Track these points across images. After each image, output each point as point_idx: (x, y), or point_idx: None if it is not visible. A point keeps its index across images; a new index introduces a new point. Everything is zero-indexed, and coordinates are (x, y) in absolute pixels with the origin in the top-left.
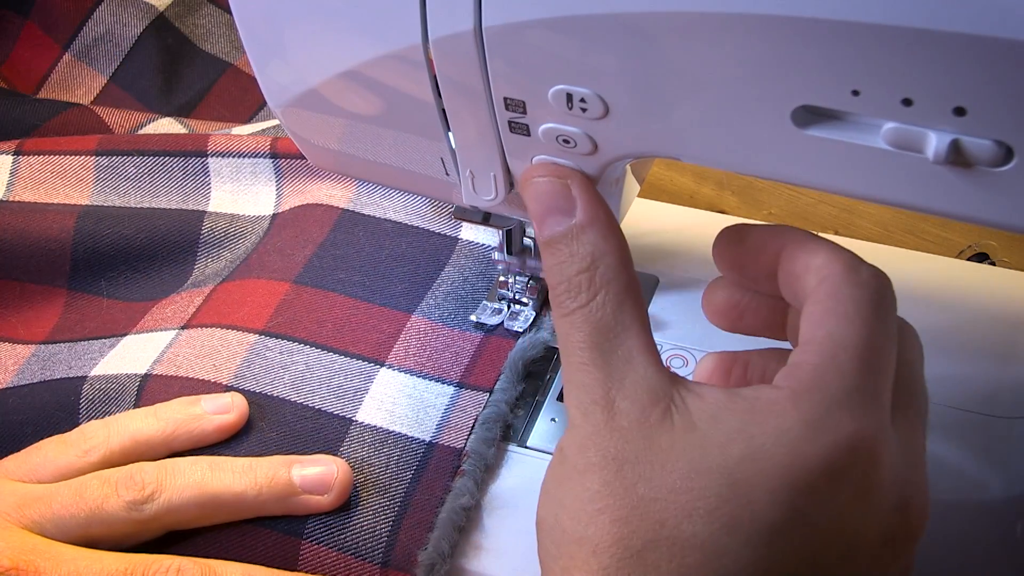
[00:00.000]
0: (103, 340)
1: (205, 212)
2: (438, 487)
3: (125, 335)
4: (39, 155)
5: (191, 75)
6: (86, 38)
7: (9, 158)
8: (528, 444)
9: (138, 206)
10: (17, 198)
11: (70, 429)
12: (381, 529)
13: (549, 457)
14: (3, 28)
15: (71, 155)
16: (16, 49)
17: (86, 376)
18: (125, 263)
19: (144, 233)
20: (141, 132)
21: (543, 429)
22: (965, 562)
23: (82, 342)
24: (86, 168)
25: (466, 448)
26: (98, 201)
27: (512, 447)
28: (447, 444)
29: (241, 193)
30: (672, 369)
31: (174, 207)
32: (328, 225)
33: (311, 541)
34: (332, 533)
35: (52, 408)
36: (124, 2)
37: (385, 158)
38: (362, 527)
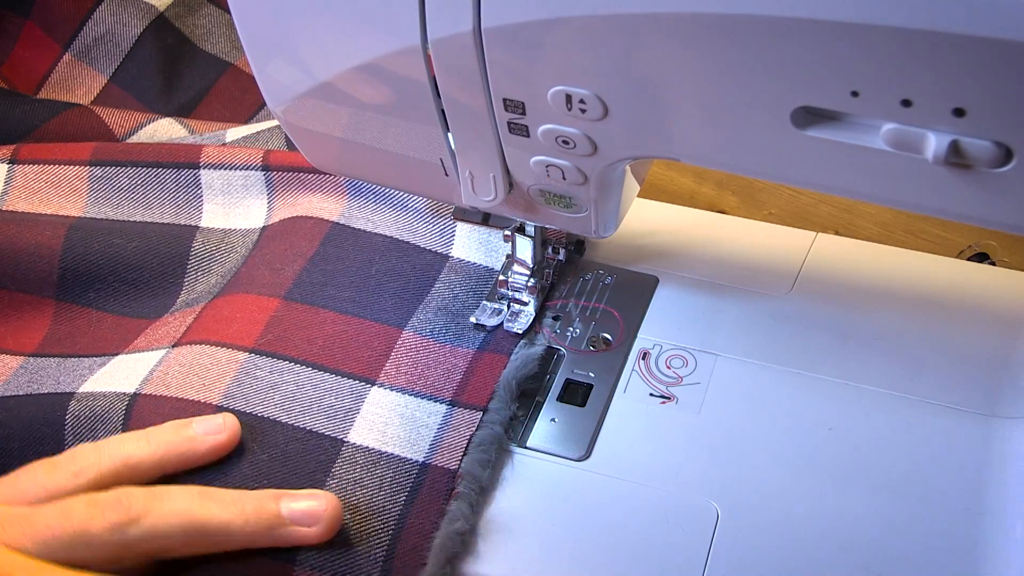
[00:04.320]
0: (94, 358)
1: (198, 228)
2: (433, 510)
3: (116, 355)
4: (34, 164)
5: (191, 75)
6: (86, 38)
7: (4, 167)
8: (528, 444)
9: (131, 218)
10: (11, 207)
11: (55, 444)
12: (376, 554)
13: (549, 457)
14: (3, 28)
15: (65, 164)
16: (16, 49)
17: (74, 393)
18: (114, 274)
19: (135, 243)
20: (141, 132)
21: (543, 429)
22: (964, 562)
23: (72, 358)
24: (80, 178)
25: (460, 469)
26: (92, 211)
27: (512, 447)
28: (441, 465)
29: (233, 206)
30: (672, 369)
31: (167, 219)
32: (318, 239)
33: (304, 567)
34: (325, 559)
35: (38, 423)
36: (124, 2)
37: (384, 158)
38: (356, 552)
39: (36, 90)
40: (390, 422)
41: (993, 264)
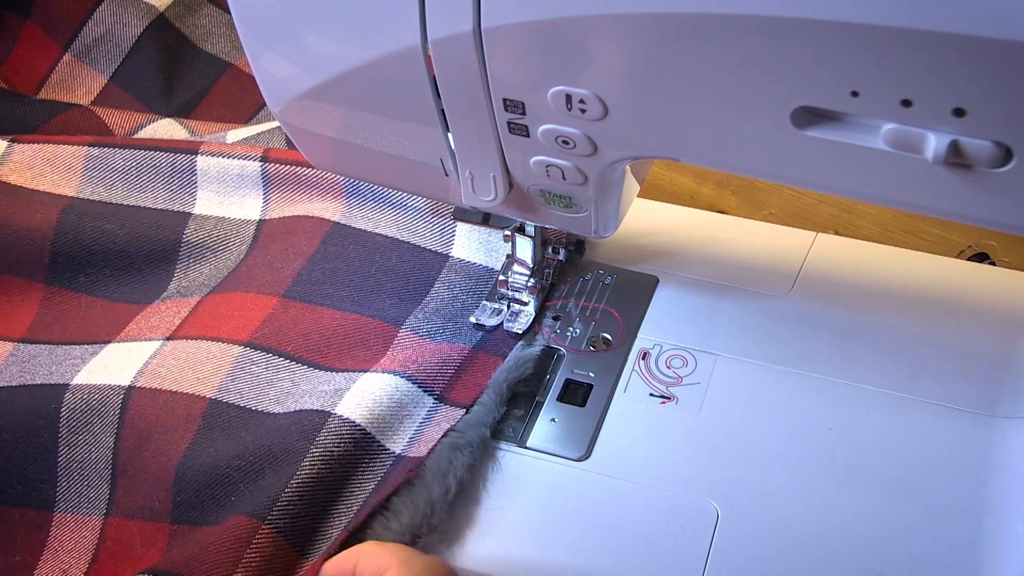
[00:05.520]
0: (85, 346)
1: (190, 215)
2: (387, 490)
3: (108, 342)
4: (34, 144)
5: (191, 75)
6: (86, 38)
7: (4, 143)
8: (528, 444)
9: (124, 202)
10: (6, 179)
11: (50, 436)
12: (331, 534)
13: (549, 457)
14: (3, 28)
15: (64, 144)
16: (16, 49)
17: (68, 384)
18: (105, 259)
19: (127, 229)
20: (141, 132)
21: (543, 429)
22: (964, 561)
23: (63, 346)
24: (76, 157)
25: (425, 457)
26: (86, 191)
27: (512, 447)
28: (412, 455)
29: (227, 195)
30: (672, 369)
31: (160, 204)
32: (318, 238)
33: (272, 527)
34: (290, 526)
35: (31, 415)
36: (124, 2)
37: (385, 159)
38: (319, 530)
39: (36, 90)
40: (379, 400)
41: (993, 264)
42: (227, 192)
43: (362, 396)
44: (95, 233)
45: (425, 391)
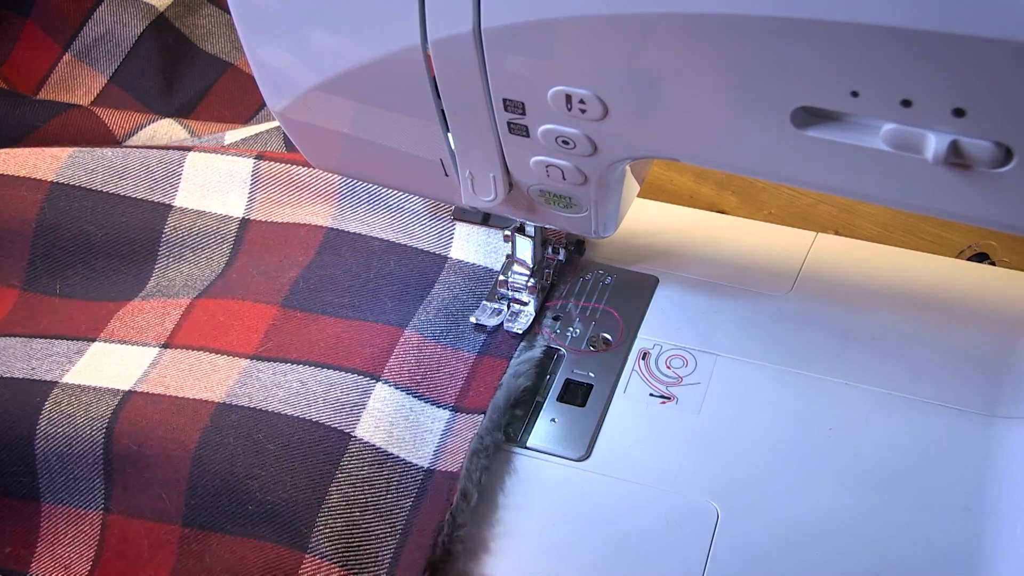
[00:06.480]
0: (67, 342)
1: (170, 208)
2: (436, 511)
3: (93, 340)
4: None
5: (191, 75)
6: (86, 38)
7: None
8: (528, 444)
9: (103, 188)
10: None
11: (26, 430)
12: (384, 555)
13: (549, 457)
14: (3, 28)
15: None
16: (16, 49)
17: (57, 382)
18: (84, 262)
19: (105, 230)
20: (141, 132)
21: (543, 429)
22: (964, 562)
23: (39, 339)
24: (64, 150)
25: (461, 471)
26: (65, 175)
27: (512, 447)
28: (444, 469)
29: (211, 189)
30: (672, 369)
31: (140, 194)
32: (313, 246)
33: (315, 555)
34: (336, 551)
35: (11, 407)
36: (124, 2)
37: (384, 159)
38: (366, 551)
39: (36, 90)
40: (395, 423)
41: (993, 264)
42: (210, 187)
43: (379, 418)
44: (74, 234)
45: (439, 406)
